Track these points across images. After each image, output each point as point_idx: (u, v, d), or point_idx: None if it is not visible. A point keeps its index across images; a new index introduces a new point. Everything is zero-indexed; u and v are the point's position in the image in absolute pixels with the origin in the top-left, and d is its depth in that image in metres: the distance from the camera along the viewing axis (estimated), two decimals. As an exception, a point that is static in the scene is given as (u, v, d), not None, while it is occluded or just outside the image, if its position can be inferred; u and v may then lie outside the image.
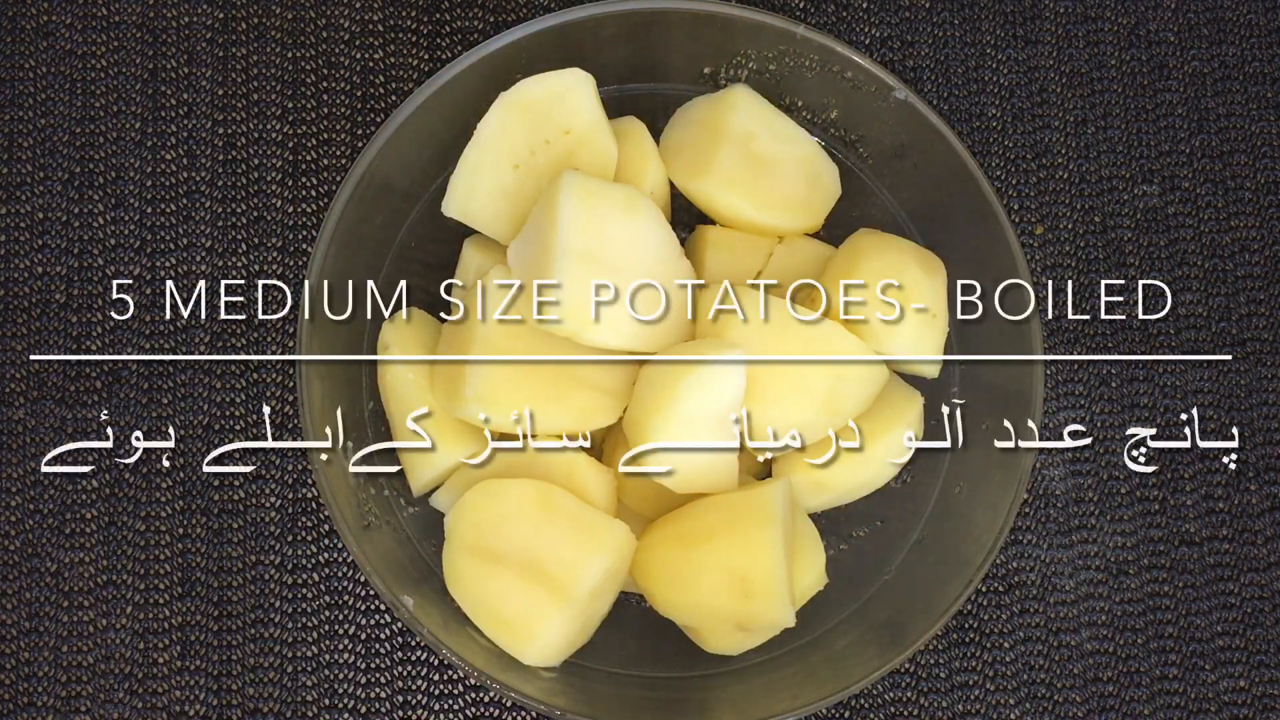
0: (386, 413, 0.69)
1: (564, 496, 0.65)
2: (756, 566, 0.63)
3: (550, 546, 0.63)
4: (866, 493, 0.70)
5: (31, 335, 0.74)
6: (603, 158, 0.68)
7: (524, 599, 0.63)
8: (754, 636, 0.67)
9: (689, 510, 0.66)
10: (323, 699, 0.72)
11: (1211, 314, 0.78)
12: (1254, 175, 0.79)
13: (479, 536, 0.64)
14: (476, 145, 0.67)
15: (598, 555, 0.63)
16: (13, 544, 0.72)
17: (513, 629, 0.64)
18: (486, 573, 0.64)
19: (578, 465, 0.66)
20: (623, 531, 0.65)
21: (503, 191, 0.68)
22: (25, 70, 0.77)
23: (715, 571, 0.64)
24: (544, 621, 0.63)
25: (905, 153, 0.70)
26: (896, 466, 0.69)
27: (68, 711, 0.71)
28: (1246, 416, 0.77)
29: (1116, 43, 0.80)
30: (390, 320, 0.68)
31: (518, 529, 0.64)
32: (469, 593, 0.64)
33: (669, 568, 0.66)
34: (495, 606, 0.64)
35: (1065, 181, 0.79)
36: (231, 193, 0.76)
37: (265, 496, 0.73)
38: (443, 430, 0.66)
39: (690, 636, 0.68)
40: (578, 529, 0.64)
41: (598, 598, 0.65)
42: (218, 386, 0.74)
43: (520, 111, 0.67)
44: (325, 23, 0.78)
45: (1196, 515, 0.76)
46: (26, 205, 0.76)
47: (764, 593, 0.63)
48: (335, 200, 0.66)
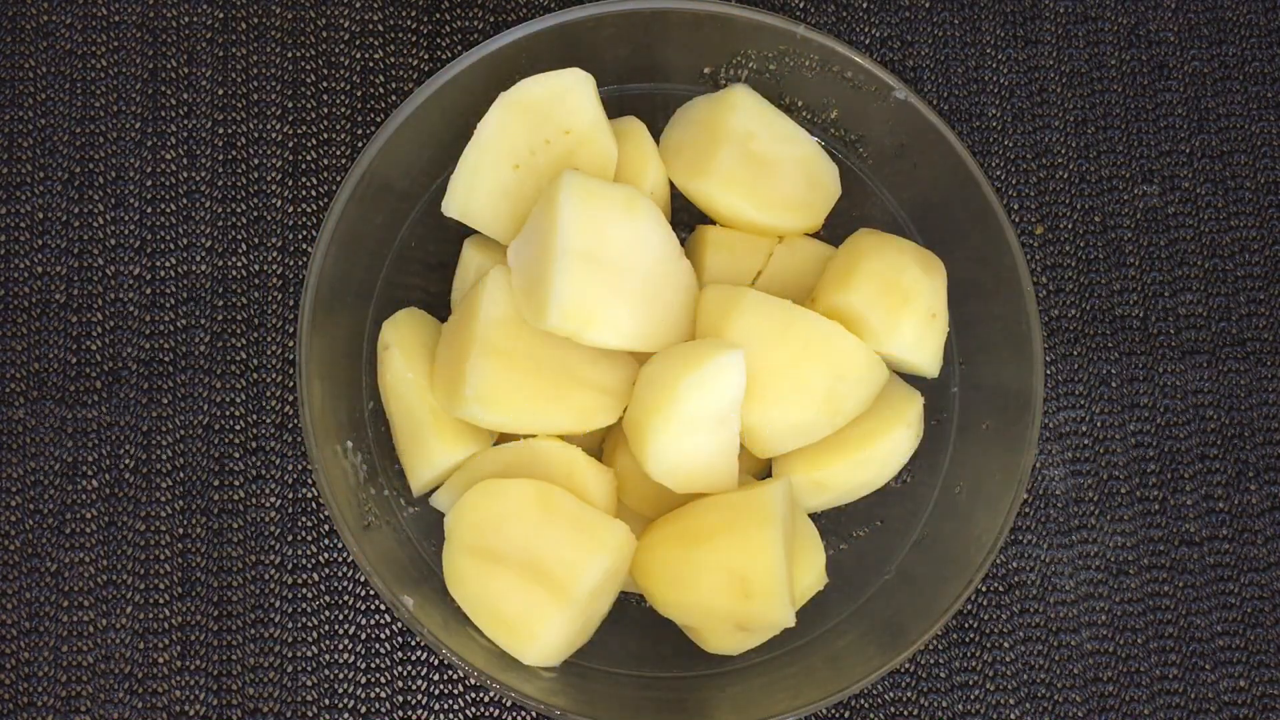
0: (386, 412, 0.69)
1: (564, 496, 0.64)
2: (756, 566, 0.63)
3: (550, 546, 0.63)
4: (866, 493, 0.70)
5: (31, 335, 0.74)
6: (603, 158, 0.68)
7: (524, 599, 0.63)
8: (754, 636, 0.67)
9: (689, 510, 0.66)
10: (323, 699, 0.72)
11: (1211, 314, 0.78)
12: (1254, 175, 0.79)
13: (479, 536, 0.64)
14: (476, 145, 0.67)
15: (598, 555, 0.63)
16: (13, 544, 0.72)
17: (513, 629, 0.64)
18: (486, 573, 0.64)
19: (578, 465, 0.66)
20: (623, 531, 0.64)
21: (503, 191, 0.68)
22: (25, 70, 0.77)
23: (715, 571, 0.64)
24: (544, 621, 0.63)
25: (905, 153, 0.70)
26: (896, 466, 0.69)
27: (68, 711, 0.71)
28: (1247, 416, 0.77)
29: (1116, 42, 0.80)
30: (390, 320, 0.69)
31: (518, 529, 0.64)
32: (469, 593, 0.64)
33: (669, 567, 0.66)
34: (495, 606, 0.64)
35: (1065, 181, 0.79)
36: (231, 193, 0.76)
37: (265, 496, 0.74)
38: (443, 430, 0.66)
39: (690, 636, 0.68)
40: (578, 529, 0.64)
41: (598, 598, 0.65)
42: (218, 386, 0.74)
43: (520, 111, 0.67)
44: (325, 23, 0.78)
45: (1196, 515, 0.76)
46: (26, 205, 0.76)
47: (764, 593, 0.63)
48: (335, 200, 0.66)
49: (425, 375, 0.67)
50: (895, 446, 0.68)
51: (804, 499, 0.69)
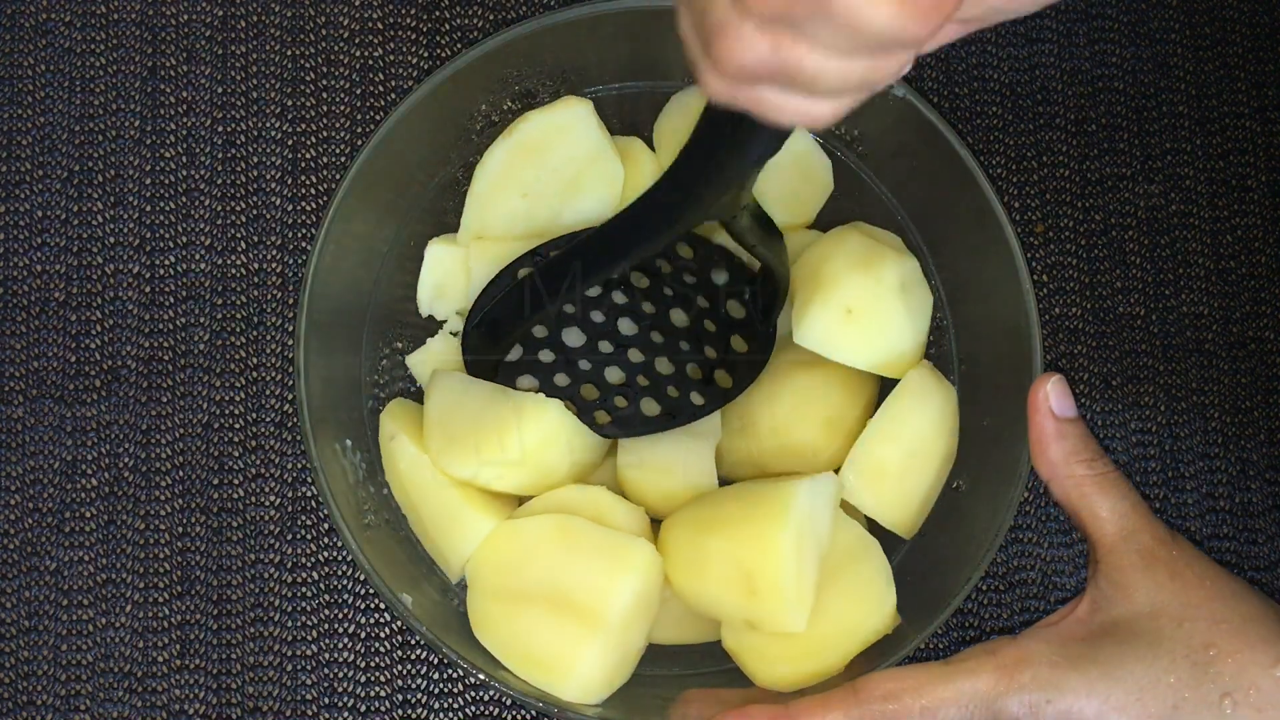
0: (400, 503, 0.68)
1: (584, 525, 0.63)
2: (764, 564, 0.61)
3: (575, 576, 0.62)
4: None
5: (31, 334, 0.74)
6: (609, 178, 0.69)
7: (554, 634, 0.61)
8: (774, 638, 0.64)
9: (711, 497, 0.66)
10: (322, 697, 0.72)
11: (1214, 313, 0.78)
12: (1257, 175, 0.79)
13: (501, 578, 0.63)
14: (483, 177, 0.68)
15: (625, 577, 0.62)
16: (12, 542, 0.73)
17: (548, 667, 0.62)
18: (513, 614, 0.62)
19: (604, 504, 0.65)
20: (649, 550, 0.63)
21: (512, 215, 0.69)
22: (24, 68, 0.77)
23: (724, 562, 0.62)
24: (579, 654, 0.61)
25: (905, 151, 0.70)
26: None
27: (67, 710, 0.71)
28: (1249, 416, 0.77)
29: (1119, 40, 0.80)
30: (386, 411, 0.68)
31: (540, 564, 0.62)
32: (498, 638, 0.63)
33: (682, 550, 0.64)
34: (526, 647, 0.62)
35: (1066, 180, 0.78)
36: (231, 190, 0.76)
37: (264, 495, 0.73)
38: (472, 499, 0.65)
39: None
40: (601, 554, 0.62)
41: (630, 626, 0.63)
42: (217, 385, 0.74)
43: (522, 150, 0.68)
44: (325, 20, 0.78)
45: (1197, 514, 0.76)
46: (25, 204, 0.76)
47: (768, 592, 0.61)
48: (334, 198, 0.66)
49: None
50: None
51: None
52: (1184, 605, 0.58)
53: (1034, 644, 0.59)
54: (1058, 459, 0.62)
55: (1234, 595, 0.59)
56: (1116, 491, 0.61)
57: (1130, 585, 0.59)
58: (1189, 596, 0.58)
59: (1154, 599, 0.58)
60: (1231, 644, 0.57)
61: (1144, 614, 0.58)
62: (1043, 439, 0.62)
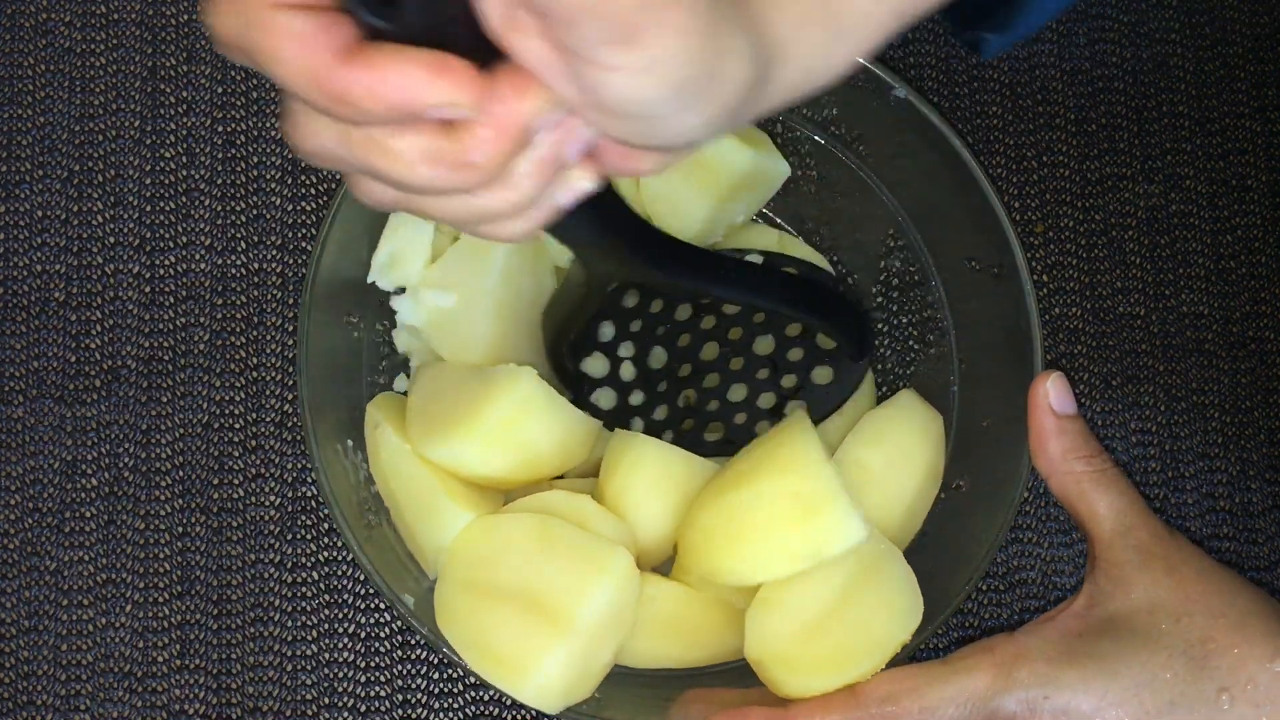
0: (384, 496, 0.67)
1: (565, 527, 0.62)
2: (812, 478, 0.60)
3: (548, 576, 0.60)
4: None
5: (30, 334, 0.74)
6: None
7: (518, 632, 0.60)
8: (823, 573, 0.62)
9: (722, 474, 0.64)
10: (322, 697, 0.72)
11: (1214, 313, 0.78)
12: (1257, 175, 0.79)
13: (472, 571, 0.62)
14: None
15: (599, 581, 0.60)
16: (12, 542, 0.73)
17: (506, 664, 0.60)
18: (479, 608, 0.61)
19: (588, 512, 0.64)
20: (626, 558, 0.61)
21: None
22: (24, 68, 0.77)
23: (770, 501, 0.61)
24: (540, 655, 0.60)
25: (905, 152, 0.70)
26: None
27: (67, 710, 0.71)
28: (1249, 416, 0.77)
29: (1119, 40, 0.80)
30: (373, 402, 0.67)
31: (514, 562, 0.61)
32: (460, 629, 0.62)
33: (715, 522, 0.62)
34: (487, 642, 0.61)
35: (1066, 180, 0.78)
36: (231, 190, 0.76)
37: (265, 495, 0.73)
38: (454, 492, 0.64)
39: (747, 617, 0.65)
40: (577, 556, 0.61)
41: (600, 636, 0.61)
42: (217, 385, 0.74)
43: None
44: (325, 20, 0.78)
45: (1197, 514, 0.76)
46: (25, 203, 0.76)
47: (826, 503, 0.60)
48: (335, 198, 0.66)
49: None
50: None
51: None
52: (1181, 601, 0.58)
53: (1031, 640, 0.59)
54: (1057, 455, 0.62)
55: (1231, 591, 0.59)
56: (1115, 488, 0.61)
57: (1127, 581, 0.59)
58: (1186, 592, 0.58)
59: (1151, 594, 0.58)
60: (1228, 639, 0.57)
61: (1141, 609, 0.58)
62: (1042, 435, 0.62)
